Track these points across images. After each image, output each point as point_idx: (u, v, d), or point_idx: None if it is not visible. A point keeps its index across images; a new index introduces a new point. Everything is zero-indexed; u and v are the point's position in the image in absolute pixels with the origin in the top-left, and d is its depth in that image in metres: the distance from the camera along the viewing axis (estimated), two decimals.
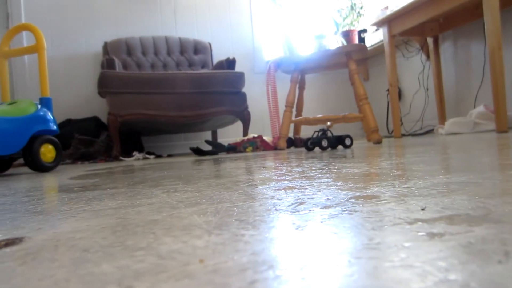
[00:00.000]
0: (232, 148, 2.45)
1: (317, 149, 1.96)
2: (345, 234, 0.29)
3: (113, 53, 3.08)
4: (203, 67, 3.33)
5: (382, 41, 3.19)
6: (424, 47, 3.06)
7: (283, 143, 2.44)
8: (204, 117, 2.71)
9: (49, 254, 0.29)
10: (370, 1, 3.60)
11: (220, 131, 3.54)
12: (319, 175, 0.69)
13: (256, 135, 2.52)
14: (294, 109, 2.79)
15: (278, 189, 0.55)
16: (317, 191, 0.50)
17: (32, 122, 1.61)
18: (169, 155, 2.91)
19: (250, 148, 2.45)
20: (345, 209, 0.37)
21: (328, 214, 0.36)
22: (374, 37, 3.43)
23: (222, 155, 2.20)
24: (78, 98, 3.30)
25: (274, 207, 0.42)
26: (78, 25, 3.31)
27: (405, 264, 0.21)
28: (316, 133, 1.93)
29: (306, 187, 0.55)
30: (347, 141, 1.85)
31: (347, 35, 2.89)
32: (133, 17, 3.44)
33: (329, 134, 1.91)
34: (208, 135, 3.55)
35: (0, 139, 1.50)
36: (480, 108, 2.36)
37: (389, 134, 3.56)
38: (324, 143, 1.81)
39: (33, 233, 0.37)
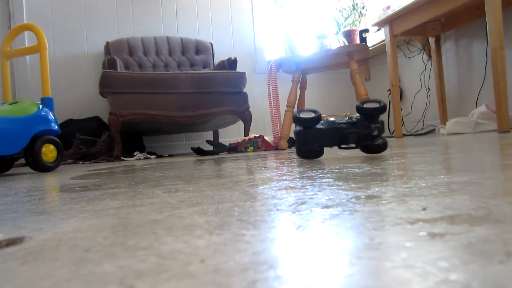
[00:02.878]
0: (233, 148, 2.45)
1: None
2: (346, 234, 0.29)
3: (114, 53, 3.08)
4: (204, 67, 3.33)
5: (383, 41, 3.19)
6: (425, 47, 3.06)
7: (284, 143, 2.44)
8: (205, 117, 2.71)
9: (50, 254, 0.29)
10: (372, 1, 3.60)
11: (221, 131, 3.54)
12: (320, 175, 0.68)
13: (257, 135, 2.52)
14: (295, 109, 2.78)
15: (279, 189, 0.55)
16: (318, 191, 0.50)
17: (33, 122, 1.61)
18: (170, 155, 2.91)
19: (251, 148, 2.45)
20: (346, 209, 0.37)
21: (329, 214, 0.36)
22: (376, 37, 3.43)
23: (223, 155, 2.20)
24: (79, 98, 3.30)
25: (275, 207, 0.42)
26: (80, 25, 3.31)
27: (406, 264, 0.21)
28: None
29: (307, 187, 0.55)
30: None
31: (348, 35, 2.89)
32: (135, 17, 3.45)
33: None
34: (209, 135, 3.55)
35: (2, 139, 1.50)
36: (482, 108, 2.36)
37: (390, 134, 3.56)
38: None
39: (34, 233, 0.37)
